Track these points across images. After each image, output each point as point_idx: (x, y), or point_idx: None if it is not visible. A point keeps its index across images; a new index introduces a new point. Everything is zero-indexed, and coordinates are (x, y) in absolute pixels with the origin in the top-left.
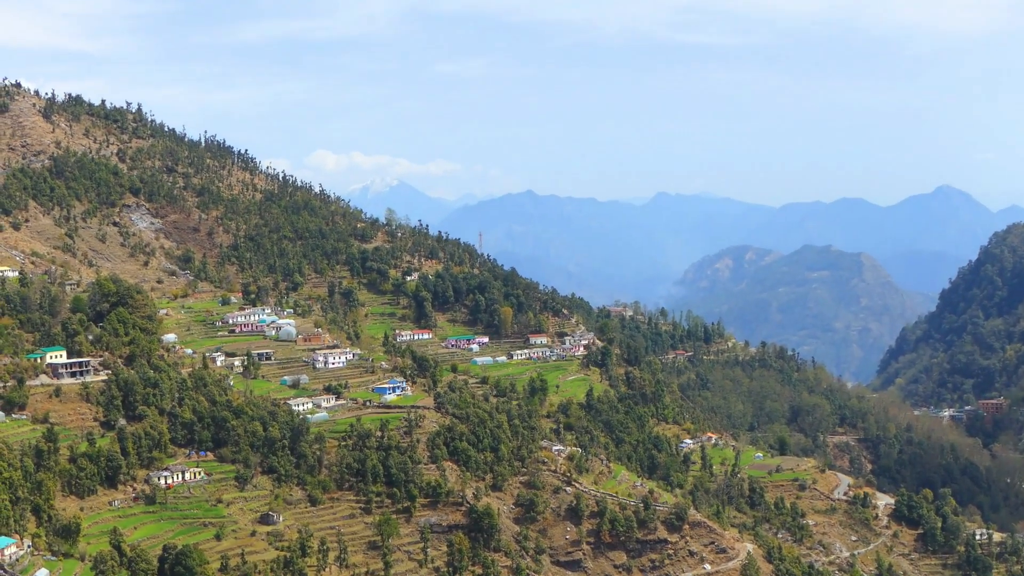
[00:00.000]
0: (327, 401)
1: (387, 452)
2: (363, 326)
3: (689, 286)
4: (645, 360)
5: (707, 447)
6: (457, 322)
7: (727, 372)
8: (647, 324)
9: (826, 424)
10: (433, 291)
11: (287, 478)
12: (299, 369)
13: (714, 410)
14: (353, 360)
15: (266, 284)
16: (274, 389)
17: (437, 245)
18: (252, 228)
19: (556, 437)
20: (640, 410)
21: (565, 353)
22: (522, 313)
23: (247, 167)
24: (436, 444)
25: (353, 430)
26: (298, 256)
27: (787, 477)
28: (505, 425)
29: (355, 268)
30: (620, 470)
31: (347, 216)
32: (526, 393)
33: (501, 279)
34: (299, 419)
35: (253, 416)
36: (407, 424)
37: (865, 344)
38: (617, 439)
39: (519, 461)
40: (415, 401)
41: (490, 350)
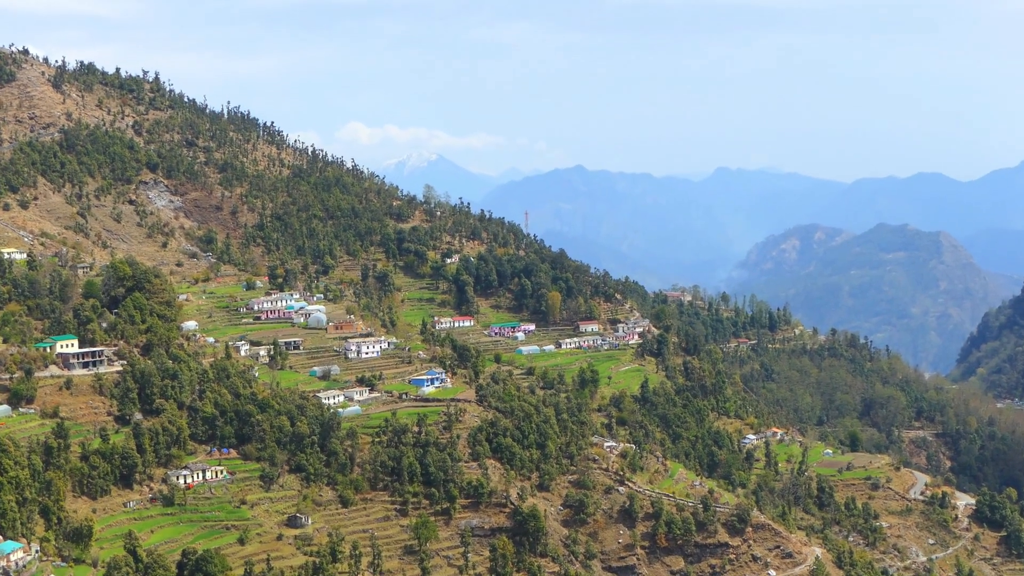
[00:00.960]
0: (360, 394)
1: (425, 449)
2: (399, 312)
3: (752, 269)
4: (705, 349)
5: (772, 443)
6: (501, 308)
7: (794, 362)
8: (707, 310)
9: (901, 418)
10: (475, 275)
11: (316, 477)
12: (330, 359)
13: (780, 403)
14: (388, 349)
15: (294, 267)
16: (303, 381)
17: (479, 225)
18: (279, 206)
19: (608, 433)
20: (699, 403)
21: (618, 342)
22: (571, 298)
23: (273, 141)
24: (478, 440)
25: (388, 425)
26: (329, 237)
27: (859, 475)
28: (552, 420)
29: (390, 250)
30: (677, 468)
31: (382, 193)
32: (575, 385)
33: (548, 261)
34: (329, 413)
35: (280, 410)
36: (446, 419)
37: (944, 331)
38: (674, 435)
39: (567, 459)
40: (455, 394)
41: (536, 338)
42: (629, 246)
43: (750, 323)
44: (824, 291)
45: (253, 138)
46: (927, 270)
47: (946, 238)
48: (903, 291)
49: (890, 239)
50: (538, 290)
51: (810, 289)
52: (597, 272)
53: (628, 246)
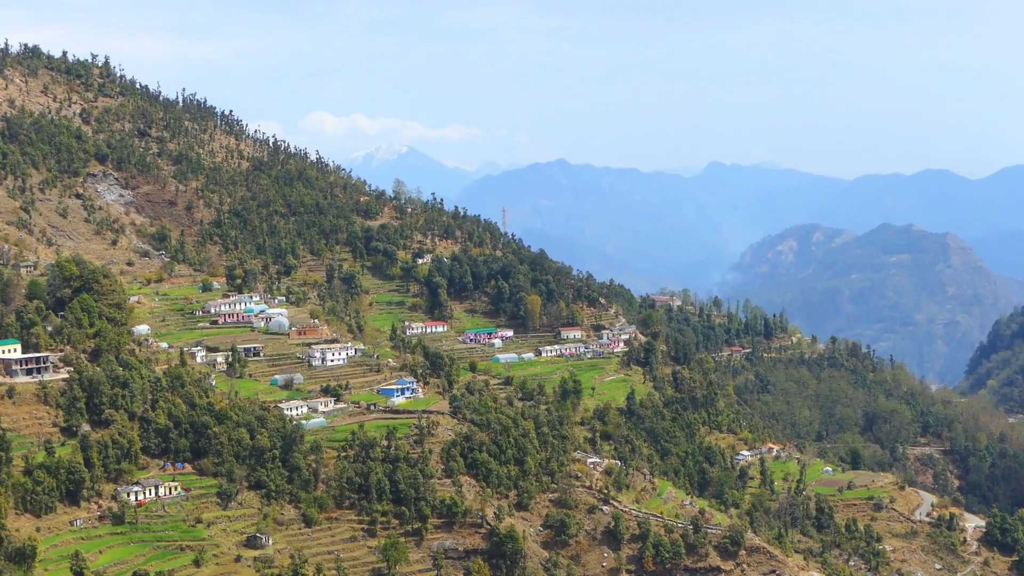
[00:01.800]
0: (325, 405)
1: (394, 465)
2: (367, 317)
3: (747, 271)
4: (695, 358)
5: (767, 460)
6: (476, 313)
7: (791, 372)
8: (698, 316)
9: (906, 433)
10: (448, 276)
11: (278, 494)
12: (292, 367)
13: (776, 417)
14: (355, 357)
15: (254, 267)
16: (263, 390)
17: (453, 223)
18: (238, 202)
19: (591, 448)
20: (689, 416)
21: (602, 349)
22: (552, 303)
23: (232, 131)
24: (451, 455)
25: (355, 438)
26: (291, 235)
27: (860, 495)
28: (532, 434)
29: (358, 249)
30: (666, 487)
31: (348, 188)
32: (557, 396)
33: (528, 263)
34: (292, 426)
35: (238, 422)
36: (418, 432)
37: (952, 340)
38: (663, 450)
39: (548, 476)
40: (427, 405)
41: (515, 346)
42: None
43: (744, 330)
44: (823, 296)
45: (210, 128)
46: (933, 274)
47: (954, 240)
48: (908, 296)
49: (894, 240)
50: (516, 293)
51: (808, 294)
52: (580, 274)
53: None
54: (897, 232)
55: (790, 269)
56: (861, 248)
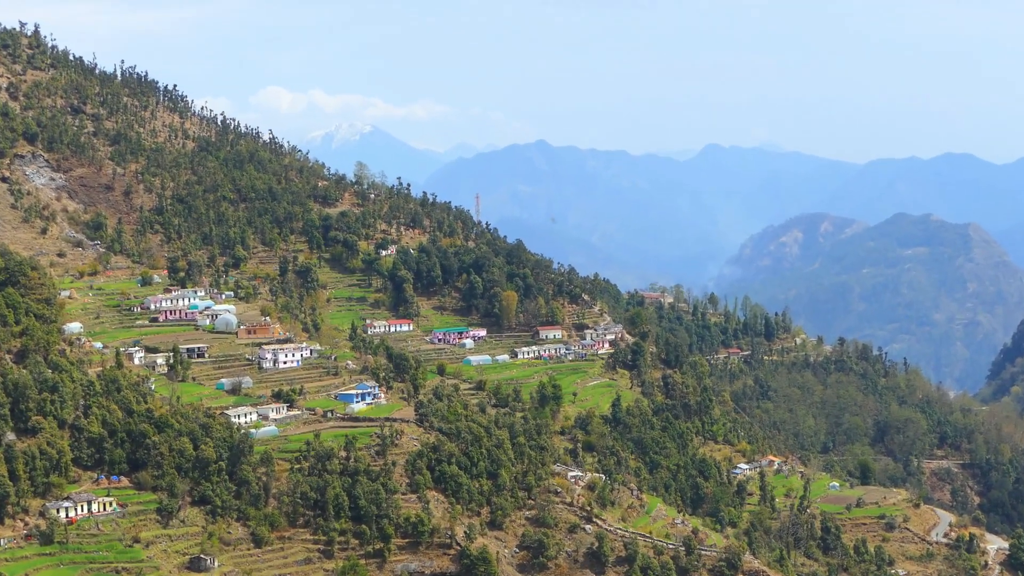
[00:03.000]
0: (276, 411)
1: (354, 478)
2: (324, 314)
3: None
4: (689, 361)
5: (768, 474)
6: (446, 310)
7: (794, 377)
8: (692, 314)
9: (921, 445)
10: (415, 270)
11: (224, 511)
12: (240, 370)
13: (777, 426)
14: (311, 358)
15: (199, 259)
16: (208, 395)
17: (421, 210)
18: (182, 186)
19: (573, 460)
20: (682, 426)
21: (585, 351)
22: (530, 299)
23: (176, 108)
24: (417, 468)
25: (310, 449)
26: (241, 223)
27: (871, 513)
28: (507, 444)
29: (315, 239)
30: (655, 503)
31: (305, 172)
32: (534, 403)
33: (503, 255)
34: (240, 435)
35: (180, 430)
36: (380, 442)
37: (972, 342)
38: (652, 463)
39: (524, 491)
40: (390, 412)
41: (488, 346)
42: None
43: (743, 330)
44: (831, 293)
45: (152, 105)
46: (953, 269)
47: (976, 231)
48: (925, 293)
49: (910, 232)
50: (490, 289)
51: (814, 290)
52: (561, 268)
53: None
54: (913, 222)
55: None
56: (873, 240)
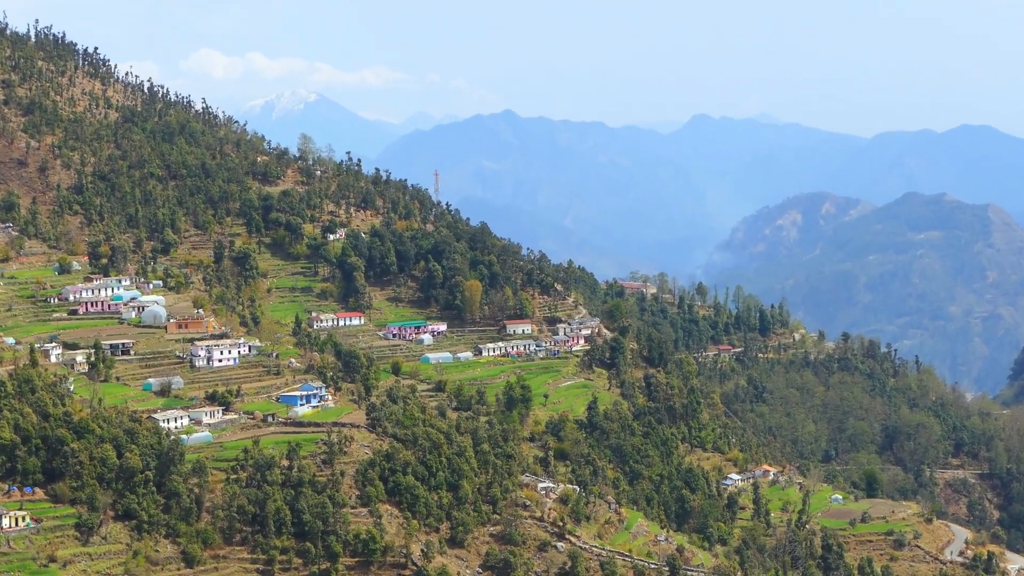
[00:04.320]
0: (211, 415)
1: (297, 490)
2: (265, 306)
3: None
4: (674, 359)
5: (762, 485)
6: (402, 302)
7: (793, 377)
8: (677, 306)
9: (935, 453)
10: (367, 256)
11: (151, 527)
12: (170, 368)
13: (773, 432)
14: (249, 356)
15: (124, 244)
16: (134, 397)
17: (373, 189)
18: (104, 162)
19: (543, 470)
20: (666, 432)
21: (558, 348)
22: (496, 289)
23: (97, 73)
24: (369, 479)
25: (248, 457)
26: (171, 203)
27: (878, 529)
28: (469, 452)
29: (254, 222)
30: (636, 518)
31: (243, 146)
32: (501, 405)
33: (466, 239)
34: (169, 441)
35: (103, 436)
36: (327, 450)
37: (992, 337)
38: (632, 473)
39: (489, 504)
40: (339, 416)
41: (449, 343)
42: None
43: (735, 324)
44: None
45: (70, 70)
46: (971, 255)
47: (997, 213)
48: (939, 283)
49: (922, 213)
50: (452, 278)
51: (815, 280)
52: (531, 254)
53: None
54: (926, 203)
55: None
56: (881, 223)
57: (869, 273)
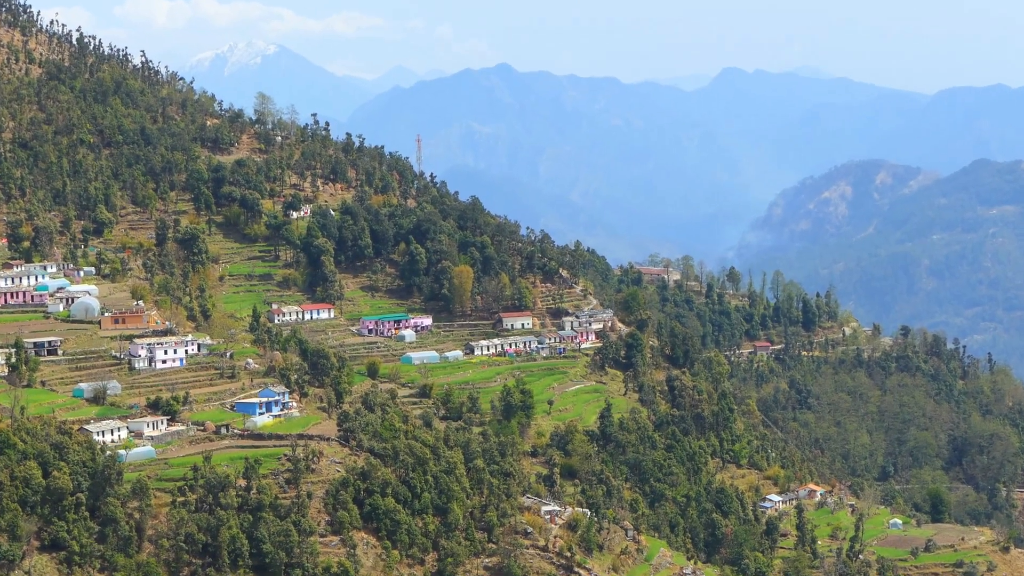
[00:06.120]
0: (153, 426)
1: (256, 515)
2: (217, 297)
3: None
4: (702, 358)
5: (807, 508)
6: (379, 291)
7: (842, 379)
8: (706, 295)
9: (1012, 469)
10: (337, 237)
11: (84, 558)
12: (105, 371)
13: (820, 444)
14: (199, 356)
15: (49, 224)
16: (63, 405)
17: (344, 158)
18: (25, 127)
19: (548, 490)
20: (693, 444)
21: (564, 345)
22: (490, 276)
23: (16, 22)
24: (341, 501)
25: (198, 476)
26: (105, 175)
27: (945, 560)
28: (460, 469)
29: (203, 197)
30: (657, 547)
31: (190, 107)
32: (497, 414)
33: (454, 217)
34: (105, 458)
35: (26, 452)
36: (292, 467)
37: None
38: (653, 494)
39: (484, 531)
40: (305, 427)
41: (435, 339)
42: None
43: (774, 316)
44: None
45: None
46: None
47: None
48: (1015, 267)
49: (995, 184)
50: (438, 262)
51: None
52: (531, 234)
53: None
54: (999, 172)
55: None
56: (946, 196)
57: (932, 255)
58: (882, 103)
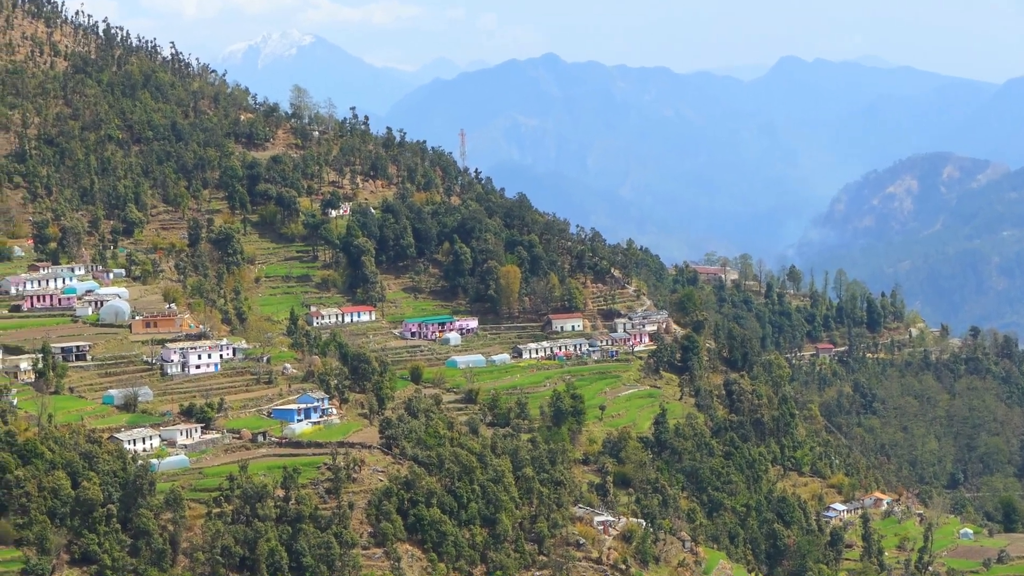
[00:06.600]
0: (187, 434)
1: (296, 527)
2: (253, 299)
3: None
4: (761, 360)
5: (874, 517)
6: (422, 292)
7: (909, 382)
8: (765, 296)
9: None
10: (378, 236)
11: (116, 572)
12: (137, 377)
13: (886, 451)
14: (234, 361)
15: (77, 224)
16: (92, 412)
17: (385, 153)
18: (51, 123)
19: (600, 499)
20: (753, 451)
21: (616, 348)
22: (538, 276)
23: (40, 12)
24: (384, 512)
25: (234, 487)
26: (135, 173)
27: (1019, 571)
28: (508, 478)
29: (237, 195)
30: (716, 559)
31: (222, 101)
32: (547, 420)
33: (500, 215)
34: (137, 467)
35: (54, 462)
36: (332, 476)
37: None
38: (711, 503)
39: (534, 543)
40: (346, 434)
41: (481, 342)
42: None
43: (836, 317)
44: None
45: (6, 8)
46: None
47: None
48: None
49: None
50: (484, 262)
51: (935, 261)
52: (582, 232)
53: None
54: None
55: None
56: (1017, 190)
57: (1003, 253)
58: (947, 93)
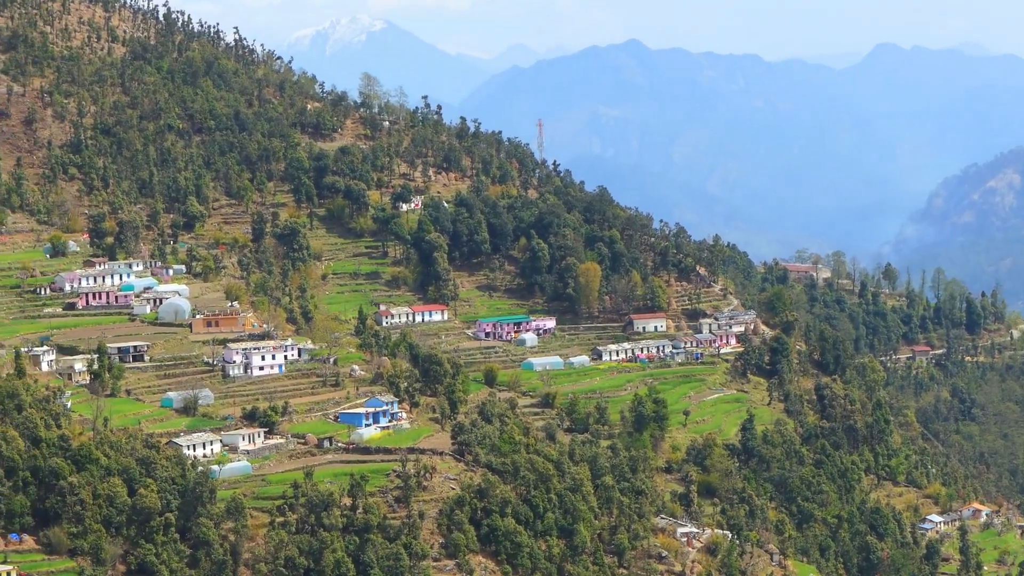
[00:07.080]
0: (249, 439)
1: (363, 537)
2: (319, 297)
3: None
4: (855, 364)
5: (972, 529)
6: (497, 291)
7: (1010, 387)
8: (859, 296)
9: None
10: (452, 232)
11: None
12: (197, 378)
13: (985, 459)
14: (299, 362)
15: (135, 218)
16: (150, 416)
17: (458, 145)
18: (108, 112)
19: (684, 510)
20: (845, 460)
21: (702, 350)
22: (619, 274)
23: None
24: (456, 522)
25: (299, 494)
26: (196, 165)
27: None
28: (587, 487)
29: (303, 188)
30: (806, 572)
31: (288, 89)
32: (628, 426)
33: (580, 209)
34: (197, 474)
35: (110, 468)
36: (402, 484)
37: None
38: (801, 514)
39: (614, 555)
40: (416, 440)
41: (558, 343)
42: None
43: (934, 318)
44: None
45: None
46: None
47: None
48: None
49: None
50: (561, 259)
51: None
52: (665, 228)
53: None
54: None
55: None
56: None
57: None
58: None
